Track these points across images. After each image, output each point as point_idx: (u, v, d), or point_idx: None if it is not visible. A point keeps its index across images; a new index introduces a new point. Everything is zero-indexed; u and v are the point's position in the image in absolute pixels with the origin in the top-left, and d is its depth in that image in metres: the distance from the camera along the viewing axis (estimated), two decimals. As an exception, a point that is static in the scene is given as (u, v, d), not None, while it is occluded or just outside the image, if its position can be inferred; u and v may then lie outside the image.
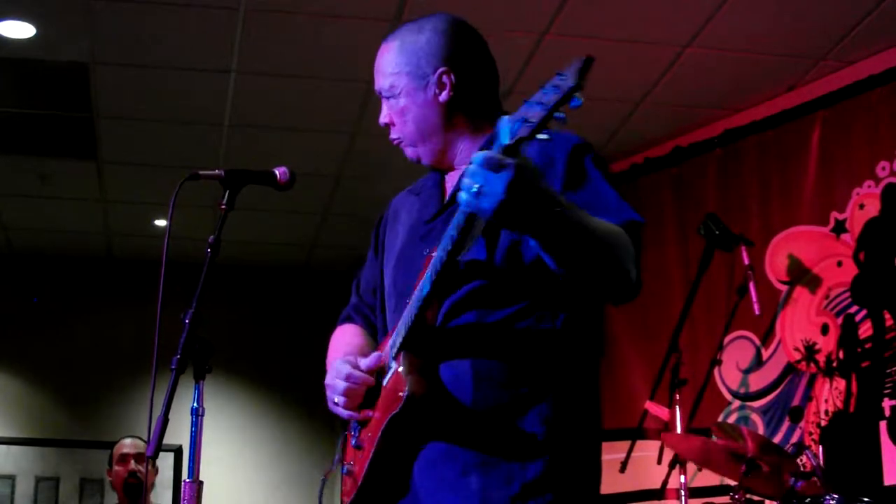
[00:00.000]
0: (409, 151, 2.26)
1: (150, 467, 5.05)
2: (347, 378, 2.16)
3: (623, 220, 2.02)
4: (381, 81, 2.24)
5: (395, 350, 2.11)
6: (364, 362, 2.18)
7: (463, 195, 1.81)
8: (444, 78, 2.20)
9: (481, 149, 1.93)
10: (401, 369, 2.06)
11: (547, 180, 2.06)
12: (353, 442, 2.23)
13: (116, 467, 5.23)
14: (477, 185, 1.77)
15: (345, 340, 2.41)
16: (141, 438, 5.35)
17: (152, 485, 5.37)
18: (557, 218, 1.84)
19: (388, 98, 2.23)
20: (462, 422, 2.06)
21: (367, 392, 2.18)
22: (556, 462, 2.03)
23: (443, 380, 2.07)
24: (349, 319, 2.50)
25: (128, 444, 5.29)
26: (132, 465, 5.16)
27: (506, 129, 1.78)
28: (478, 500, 2.01)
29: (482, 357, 2.06)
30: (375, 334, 2.42)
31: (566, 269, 1.95)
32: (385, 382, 2.14)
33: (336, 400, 2.18)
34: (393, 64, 2.22)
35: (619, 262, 1.96)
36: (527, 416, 2.04)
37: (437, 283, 2.01)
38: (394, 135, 2.26)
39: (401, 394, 2.03)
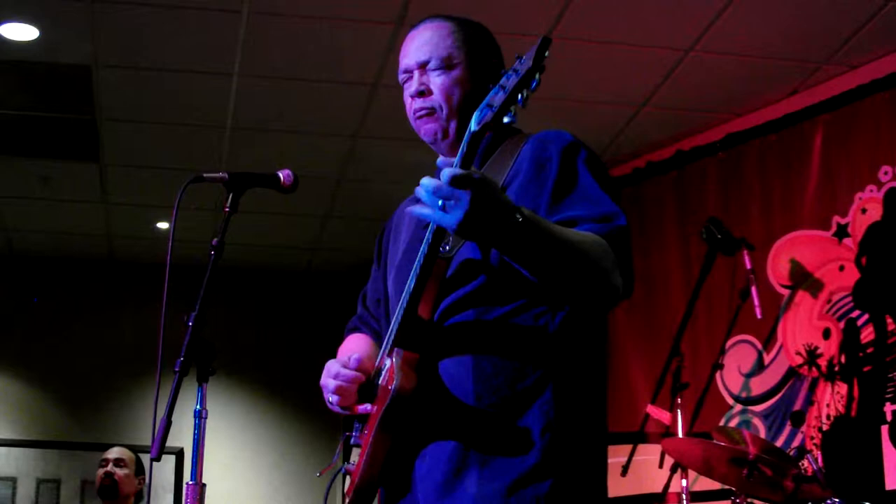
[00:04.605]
0: (433, 125, 2.25)
1: (134, 476, 5.26)
2: (336, 376, 2.20)
3: (606, 226, 2.04)
4: (436, 51, 2.25)
5: (388, 346, 2.13)
6: (353, 359, 2.22)
7: (425, 210, 1.88)
8: (495, 68, 2.30)
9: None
10: (394, 364, 2.07)
11: (540, 180, 2.11)
12: (353, 441, 2.25)
13: (98, 471, 5.42)
14: (441, 201, 1.84)
15: (350, 348, 2.43)
16: (131, 446, 5.52)
17: (139, 496, 5.45)
18: (521, 230, 1.89)
19: (435, 69, 2.25)
20: (461, 419, 2.07)
21: (364, 390, 2.21)
22: (554, 457, 2.04)
23: (443, 377, 2.10)
24: (356, 330, 2.53)
25: (108, 452, 5.43)
26: (109, 467, 5.32)
27: (474, 116, 1.87)
28: (473, 499, 2.02)
29: (482, 354, 2.08)
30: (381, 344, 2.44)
31: (540, 280, 1.99)
32: (381, 380, 2.15)
33: (330, 399, 2.22)
34: (461, 39, 2.28)
35: (595, 271, 1.99)
36: (527, 413, 2.05)
37: (421, 276, 2.04)
38: (426, 104, 2.24)
39: (390, 387, 2.04)
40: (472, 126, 1.87)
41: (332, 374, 2.21)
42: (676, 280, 5.91)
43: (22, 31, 5.05)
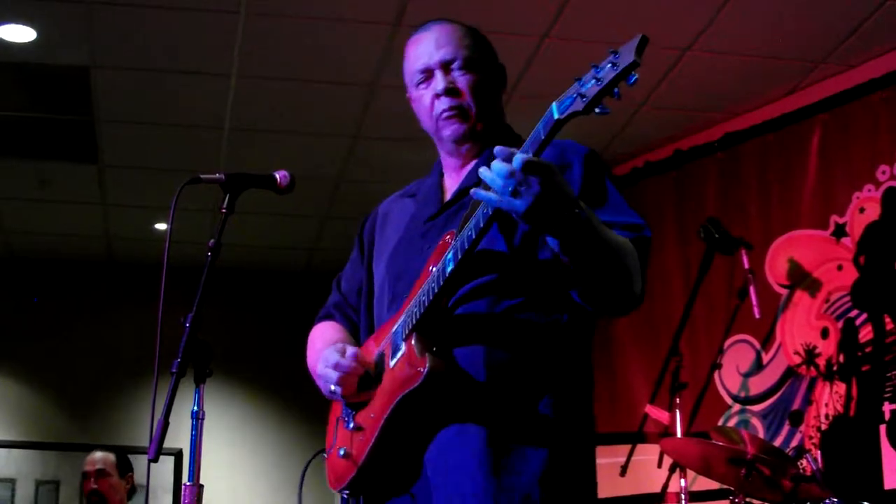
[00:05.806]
0: (463, 126, 2.27)
1: (120, 479, 5.30)
2: (336, 367, 2.20)
3: (635, 234, 2.12)
4: (459, 51, 2.28)
5: (406, 331, 2.13)
6: (351, 350, 2.22)
7: (493, 195, 1.89)
8: (504, 78, 2.38)
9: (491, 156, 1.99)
10: (415, 348, 2.08)
11: None
12: (350, 426, 2.25)
13: (83, 484, 5.39)
14: (512, 186, 1.87)
15: (326, 337, 2.44)
16: (111, 451, 5.48)
17: (132, 491, 5.45)
18: (577, 220, 1.93)
19: (460, 68, 2.28)
20: (475, 406, 2.09)
21: (364, 378, 2.22)
22: (562, 451, 2.09)
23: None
24: (329, 317, 2.53)
25: (88, 461, 5.40)
26: (92, 483, 5.29)
27: (554, 106, 1.88)
28: (493, 485, 2.04)
29: (494, 344, 2.11)
30: (356, 333, 2.45)
31: (580, 272, 2.02)
32: (392, 364, 2.16)
33: (332, 388, 2.22)
34: (475, 42, 2.32)
35: (627, 274, 2.05)
36: (538, 403, 2.09)
37: (463, 264, 2.04)
38: (455, 103, 2.27)
39: (420, 369, 2.05)
40: (556, 114, 1.88)
41: (332, 365, 2.21)
42: (675, 280, 5.91)
43: (19, 33, 5.05)
